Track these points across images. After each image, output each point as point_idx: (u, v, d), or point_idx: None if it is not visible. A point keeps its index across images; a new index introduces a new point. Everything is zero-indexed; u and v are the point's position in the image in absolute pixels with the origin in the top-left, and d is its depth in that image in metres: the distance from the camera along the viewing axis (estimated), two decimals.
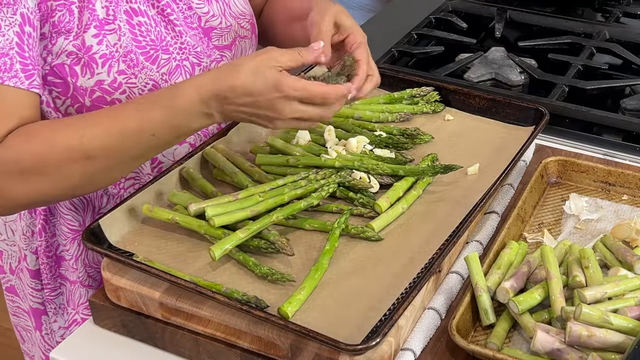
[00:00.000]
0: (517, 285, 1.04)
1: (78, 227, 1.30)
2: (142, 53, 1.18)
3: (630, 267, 1.07)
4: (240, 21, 1.31)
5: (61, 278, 1.34)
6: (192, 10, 1.25)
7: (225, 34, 1.29)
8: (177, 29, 1.22)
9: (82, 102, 1.17)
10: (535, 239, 1.18)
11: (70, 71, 1.15)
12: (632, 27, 1.89)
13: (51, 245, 1.32)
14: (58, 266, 1.34)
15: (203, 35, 1.26)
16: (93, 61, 1.15)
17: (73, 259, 1.31)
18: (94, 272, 1.33)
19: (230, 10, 1.30)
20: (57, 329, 1.39)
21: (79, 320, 1.34)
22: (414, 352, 0.99)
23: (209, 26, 1.27)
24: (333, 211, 1.16)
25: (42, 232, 1.31)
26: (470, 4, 2.01)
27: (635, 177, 1.25)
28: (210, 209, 1.10)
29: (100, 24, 1.14)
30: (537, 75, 1.67)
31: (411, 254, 1.08)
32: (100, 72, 1.15)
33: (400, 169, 1.20)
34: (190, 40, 1.24)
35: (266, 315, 0.96)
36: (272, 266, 1.07)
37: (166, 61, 1.21)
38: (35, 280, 1.36)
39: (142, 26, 1.18)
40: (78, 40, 1.13)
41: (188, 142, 1.30)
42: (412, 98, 1.40)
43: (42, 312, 1.39)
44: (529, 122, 1.33)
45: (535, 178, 1.24)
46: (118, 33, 1.16)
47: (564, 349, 0.95)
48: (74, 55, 1.14)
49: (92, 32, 1.14)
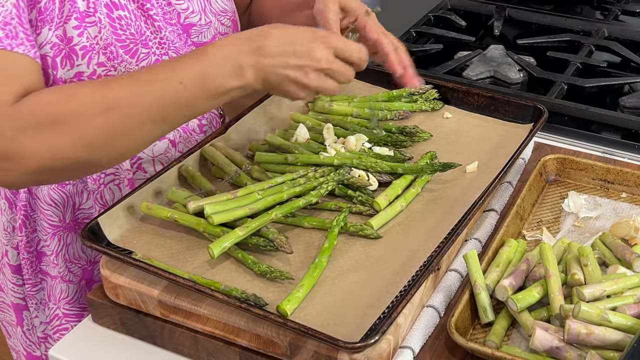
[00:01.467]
0: (515, 283, 1.04)
1: (58, 222, 1.29)
2: (121, 46, 1.18)
3: (629, 265, 1.07)
4: (220, 18, 1.30)
5: (42, 273, 1.34)
6: (172, 6, 1.24)
7: (204, 30, 1.28)
8: (157, 24, 1.22)
9: None
10: (534, 237, 1.18)
11: (52, 63, 1.14)
12: (630, 25, 1.89)
13: (32, 241, 1.32)
14: (39, 261, 1.33)
15: (182, 31, 1.26)
16: (73, 52, 1.14)
17: (54, 254, 1.31)
18: (74, 268, 1.33)
19: (210, 6, 1.29)
20: (38, 324, 1.39)
21: (60, 315, 1.34)
22: (413, 350, 0.99)
23: (187, 23, 1.26)
24: (332, 209, 1.16)
25: (23, 227, 1.30)
26: (469, 2, 2.01)
27: (634, 175, 1.25)
28: (209, 206, 1.09)
29: (80, 16, 1.14)
30: (536, 73, 1.67)
31: (410, 251, 1.08)
32: (80, 63, 1.15)
33: (399, 166, 1.20)
34: (169, 35, 1.23)
35: (265, 313, 0.96)
36: (271, 264, 1.07)
37: (146, 55, 1.21)
38: (17, 276, 1.35)
39: (122, 20, 1.18)
40: (60, 31, 1.12)
41: (168, 138, 1.30)
42: (411, 96, 1.39)
43: (23, 308, 1.38)
44: (528, 120, 1.33)
45: (534, 176, 1.24)
46: (99, 25, 1.15)
47: (562, 347, 0.95)
48: (56, 47, 1.13)
49: (73, 24, 1.13)
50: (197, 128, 1.35)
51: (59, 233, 1.30)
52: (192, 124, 1.33)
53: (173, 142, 1.31)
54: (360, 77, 1.46)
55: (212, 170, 1.25)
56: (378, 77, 1.45)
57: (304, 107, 1.41)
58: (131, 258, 1.06)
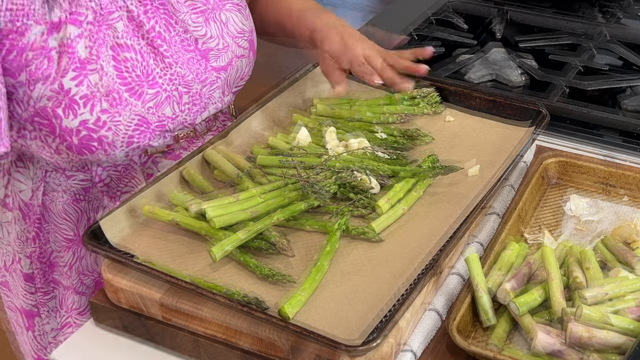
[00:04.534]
0: (517, 286, 1.04)
1: (73, 236, 1.30)
2: (126, 90, 1.17)
3: (631, 268, 1.07)
4: (238, 40, 1.30)
5: (54, 282, 1.34)
6: (189, 33, 1.24)
7: (222, 54, 1.28)
8: (167, 61, 1.21)
9: (70, 140, 1.17)
10: (536, 240, 1.18)
11: (54, 113, 1.14)
12: (632, 27, 1.89)
13: (45, 252, 1.32)
14: (51, 271, 1.34)
15: (200, 57, 1.26)
16: (74, 102, 1.14)
17: (67, 266, 1.31)
18: (87, 280, 1.33)
19: (227, 29, 1.29)
20: (49, 330, 1.39)
21: (71, 322, 1.35)
22: (415, 352, 0.99)
23: (205, 48, 1.26)
24: (334, 212, 1.16)
25: (37, 238, 1.31)
26: (470, 4, 2.01)
27: (636, 178, 1.25)
28: (211, 209, 1.10)
29: (81, 64, 1.13)
30: (538, 75, 1.67)
31: (411, 254, 1.08)
32: (83, 112, 1.15)
33: (400, 170, 1.20)
34: (180, 70, 1.23)
35: (267, 316, 0.96)
36: (273, 267, 1.07)
37: (152, 95, 1.20)
38: (29, 284, 1.36)
39: (127, 62, 1.18)
40: (55, 85, 1.13)
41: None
42: (413, 99, 1.39)
43: (35, 314, 1.39)
44: (529, 122, 1.33)
45: (536, 179, 1.24)
46: (100, 73, 1.15)
47: (564, 350, 0.95)
48: (54, 99, 1.13)
49: (70, 76, 1.13)
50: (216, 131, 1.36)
51: (74, 247, 1.30)
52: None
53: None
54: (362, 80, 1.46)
55: (213, 173, 1.25)
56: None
57: (306, 110, 1.41)
58: (133, 261, 1.06)
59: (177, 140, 1.27)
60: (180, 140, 1.28)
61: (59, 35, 1.12)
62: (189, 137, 1.30)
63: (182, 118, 1.24)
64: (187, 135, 1.29)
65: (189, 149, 1.30)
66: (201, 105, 1.27)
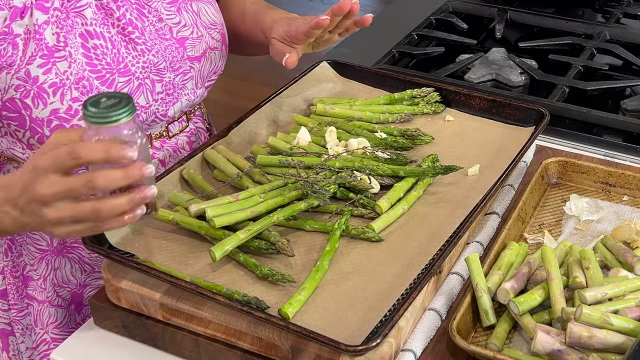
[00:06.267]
0: (517, 286, 1.04)
1: (45, 246, 1.27)
2: (96, 77, 1.16)
3: (631, 268, 1.07)
4: (211, 32, 1.30)
5: (28, 298, 1.31)
6: (163, 22, 1.24)
7: (197, 44, 1.28)
8: (140, 48, 1.20)
9: (42, 132, 1.15)
10: (536, 240, 1.18)
11: (23, 104, 1.12)
12: (632, 27, 1.89)
13: (18, 265, 1.29)
14: (25, 286, 1.30)
15: (178, 45, 1.25)
16: (43, 91, 1.12)
17: (41, 278, 1.29)
18: (63, 292, 1.31)
19: (200, 20, 1.29)
20: (24, 349, 1.35)
21: (48, 339, 1.31)
22: (415, 353, 0.99)
23: (181, 36, 1.26)
24: (333, 212, 1.16)
25: (9, 251, 1.28)
26: (470, 5, 2.01)
27: (636, 178, 1.25)
28: (211, 209, 1.10)
29: (49, 52, 1.12)
30: (538, 76, 1.67)
31: (411, 254, 1.08)
32: (53, 101, 1.13)
33: (400, 169, 1.20)
34: (153, 58, 1.22)
35: (267, 316, 0.96)
36: (273, 267, 1.07)
37: (124, 83, 1.19)
38: (2, 301, 1.32)
39: (97, 49, 1.16)
40: (21, 72, 1.11)
41: (158, 158, 1.29)
42: (413, 99, 1.40)
43: (9, 333, 1.35)
44: (530, 123, 1.33)
45: (536, 179, 1.24)
46: (68, 60, 1.13)
47: (564, 350, 0.95)
48: (22, 88, 1.11)
49: (37, 63, 1.11)
50: (187, 145, 1.35)
51: (47, 257, 1.28)
52: (181, 141, 1.34)
53: (163, 162, 1.31)
54: (362, 80, 1.46)
55: (213, 173, 1.25)
56: (379, 80, 1.46)
57: (306, 110, 1.41)
58: (133, 261, 1.06)
59: (150, 141, 1.27)
60: (154, 141, 1.29)
61: (23, 21, 1.10)
62: (162, 137, 1.30)
63: (155, 108, 1.24)
64: (160, 135, 1.30)
65: (162, 149, 1.30)
66: (174, 96, 1.26)
